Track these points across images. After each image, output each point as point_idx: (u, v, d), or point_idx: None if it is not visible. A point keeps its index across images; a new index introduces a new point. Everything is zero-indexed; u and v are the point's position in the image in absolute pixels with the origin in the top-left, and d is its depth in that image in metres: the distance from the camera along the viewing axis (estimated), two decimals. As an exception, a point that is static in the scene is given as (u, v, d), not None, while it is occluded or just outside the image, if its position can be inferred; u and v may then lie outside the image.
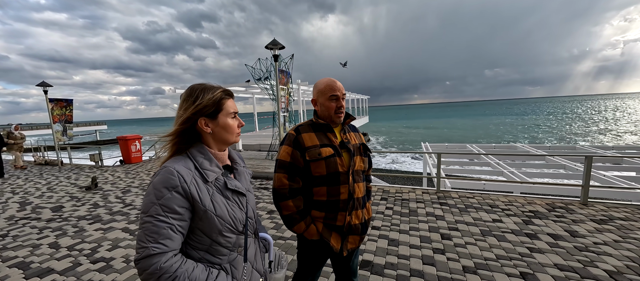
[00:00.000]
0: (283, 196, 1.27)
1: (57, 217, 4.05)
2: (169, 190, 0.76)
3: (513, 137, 29.10)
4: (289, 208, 1.27)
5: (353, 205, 1.30)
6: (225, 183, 0.88)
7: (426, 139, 24.91)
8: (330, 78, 1.34)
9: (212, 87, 0.90)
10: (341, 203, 1.27)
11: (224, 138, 0.91)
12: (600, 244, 2.72)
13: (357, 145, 1.37)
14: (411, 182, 11.68)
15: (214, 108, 0.87)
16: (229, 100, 0.92)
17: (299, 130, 1.32)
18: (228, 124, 0.90)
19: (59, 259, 2.79)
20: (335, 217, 1.28)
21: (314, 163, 1.25)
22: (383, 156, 21.98)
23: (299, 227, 1.29)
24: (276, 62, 5.17)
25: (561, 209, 3.68)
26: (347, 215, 1.29)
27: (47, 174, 7.70)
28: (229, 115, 0.91)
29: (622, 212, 3.50)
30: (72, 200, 4.93)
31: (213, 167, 0.87)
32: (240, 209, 0.91)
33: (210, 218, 0.81)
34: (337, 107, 1.29)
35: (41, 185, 6.29)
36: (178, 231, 0.77)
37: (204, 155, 0.87)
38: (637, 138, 24.97)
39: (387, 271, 2.39)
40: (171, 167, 0.80)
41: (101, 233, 3.39)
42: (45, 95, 9.34)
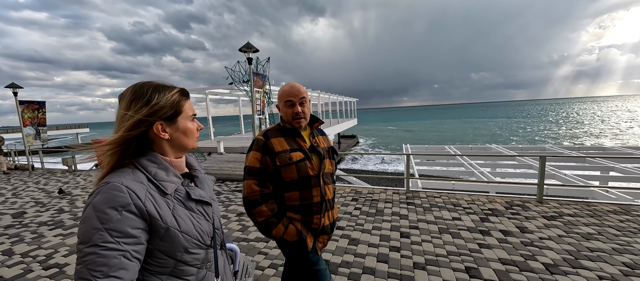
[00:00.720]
0: (255, 202, 1.23)
1: (17, 224, 3.92)
2: (118, 211, 0.62)
3: (490, 138, 30.22)
4: (263, 214, 1.24)
5: (325, 207, 1.32)
6: (187, 193, 0.77)
7: (412, 141, 25.54)
8: (290, 83, 1.32)
9: (166, 86, 0.77)
10: (315, 206, 1.28)
11: (183, 144, 0.80)
12: (544, 239, 2.89)
13: (326, 148, 1.39)
14: (394, 183, 11.89)
15: (173, 111, 0.75)
16: (187, 102, 0.81)
17: (267, 135, 1.29)
18: (188, 128, 0.80)
19: (9, 266, 2.71)
20: (311, 220, 1.29)
21: (285, 168, 1.23)
22: (367, 159, 22.29)
23: (278, 230, 1.25)
24: (250, 65, 5.20)
25: (518, 207, 3.87)
26: (322, 216, 1.31)
27: (16, 179, 7.39)
28: (188, 117, 0.80)
29: (573, 209, 3.72)
30: (36, 205, 4.77)
31: (171, 177, 0.75)
32: (207, 220, 0.80)
33: (173, 236, 0.70)
34: (294, 113, 1.27)
35: (7, 190, 6.04)
36: (134, 258, 0.63)
37: (158, 164, 0.74)
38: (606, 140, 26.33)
39: (341, 269, 2.46)
40: (116, 181, 0.65)
41: (60, 239, 3.31)
42: (15, 97, 8.98)
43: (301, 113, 1.28)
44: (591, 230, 3.07)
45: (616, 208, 3.68)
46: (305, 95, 1.30)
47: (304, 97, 1.29)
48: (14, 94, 8.96)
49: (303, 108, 1.29)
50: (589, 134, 30.56)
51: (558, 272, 2.31)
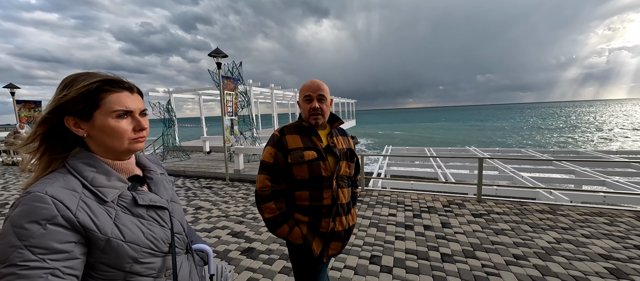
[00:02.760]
0: (265, 198, 1.22)
1: None
2: (41, 224, 0.54)
3: (484, 142, 30.45)
4: (271, 211, 1.22)
5: (337, 211, 1.26)
6: (134, 199, 0.69)
7: (400, 142, 25.83)
8: (313, 79, 1.29)
9: (91, 74, 0.66)
10: (324, 208, 1.23)
11: (107, 145, 0.68)
12: (459, 233, 3.16)
13: (344, 149, 1.34)
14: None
15: (85, 104, 0.64)
16: (112, 94, 0.66)
17: (283, 131, 1.28)
18: (110, 126, 0.66)
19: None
20: (319, 223, 1.24)
21: (296, 166, 1.21)
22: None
23: (282, 230, 1.23)
24: (219, 69, 5.54)
25: (455, 205, 4.13)
26: (331, 221, 1.25)
27: (10, 174, 7.85)
28: (111, 113, 0.66)
29: (504, 208, 3.97)
30: (19, 198, 5.18)
31: (113, 182, 0.66)
32: (162, 226, 0.72)
33: (117, 248, 0.62)
34: (311, 109, 1.25)
35: None
36: (66, 275, 0.55)
37: (96, 167, 0.66)
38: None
39: (262, 256, 2.77)
40: (39, 190, 0.57)
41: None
42: (12, 97, 9.48)
43: (318, 109, 1.24)
44: (507, 226, 3.33)
45: (545, 208, 3.92)
46: (325, 93, 1.26)
47: (323, 94, 1.25)
48: (12, 94, 9.47)
49: (321, 105, 1.25)
50: (573, 139, 30.46)
51: (449, 261, 2.58)
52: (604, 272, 2.33)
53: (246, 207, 4.39)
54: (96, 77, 0.66)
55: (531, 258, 2.58)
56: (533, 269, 2.41)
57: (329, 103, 1.30)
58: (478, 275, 2.35)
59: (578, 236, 3.00)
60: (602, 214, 3.62)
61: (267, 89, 14.46)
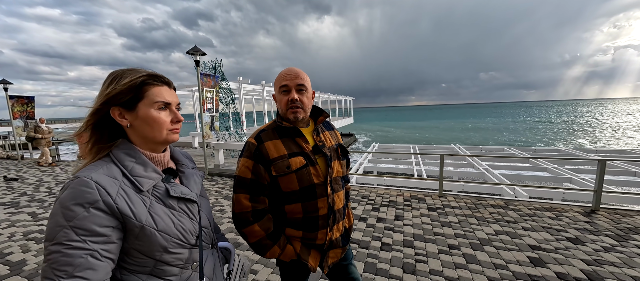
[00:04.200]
0: (245, 221, 1.03)
1: (-20, 203, 4.52)
2: (85, 207, 0.58)
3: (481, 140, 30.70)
4: (255, 234, 1.04)
5: (334, 219, 1.10)
6: (167, 190, 0.72)
7: (392, 140, 26.08)
8: (289, 67, 1.09)
9: (136, 70, 0.71)
10: (321, 219, 1.07)
11: (147, 135, 0.72)
12: (408, 226, 3.32)
13: (334, 146, 1.15)
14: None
15: (131, 95, 0.68)
16: (155, 87, 0.72)
17: (260, 137, 1.06)
18: (151, 116, 0.70)
19: (-46, 235, 3.29)
20: (315, 236, 1.08)
21: (283, 178, 1.02)
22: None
23: (273, 252, 1.06)
24: (198, 67, 5.69)
25: (416, 200, 4.29)
26: (328, 231, 1.09)
27: (2, 167, 8.08)
28: (153, 104, 0.71)
29: (461, 202, 4.12)
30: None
31: (149, 173, 0.70)
32: (191, 218, 0.75)
33: (150, 235, 0.65)
34: (289, 101, 1.04)
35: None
36: (104, 258, 0.59)
37: (135, 158, 0.70)
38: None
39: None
40: (85, 175, 0.61)
41: (7, 216, 3.89)
42: (5, 92, 9.71)
43: (297, 101, 1.03)
44: (455, 219, 3.48)
45: (500, 202, 4.07)
46: (306, 82, 1.05)
47: (303, 84, 1.04)
48: (5, 89, 9.68)
49: (301, 96, 1.05)
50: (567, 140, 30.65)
51: (387, 249, 2.75)
52: (525, 261, 2.49)
53: (217, 200, 4.57)
54: (141, 72, 0.71)
55: (464, 248, 2.74)
56: (461, 257, 2.57)
57: (311, 96, 1.10)
58: (407, 262, 2.52)
59: (518, 229, 3.15)
60: (552, 209, 3.76)
61: (259, 86, 14.61)
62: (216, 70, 6.96)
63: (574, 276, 2.25)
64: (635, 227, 3.14)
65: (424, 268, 2.41)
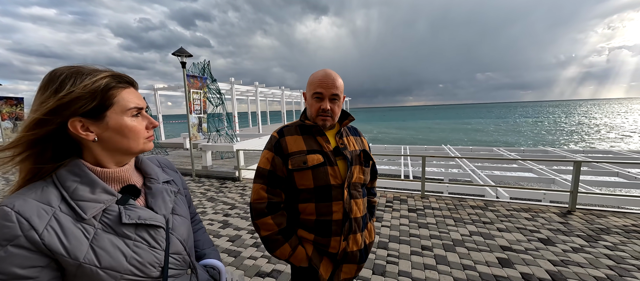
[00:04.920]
0: (260, 212, 1.02)
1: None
2: (1, 245, 0.48)
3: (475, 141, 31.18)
4: (268, 227, 1.02)
5: (350, 227, 1.05)
6: (119, 215, 0.59)
7: (399, 141, 26.31)
8: (326, 70, 1.05)
9: (92, 69, 0.58)
10: (334, 224, 1.02)
11: (122, 147, 0.62)
12: (385, 227, 3.34)
13: (357, 151, 1.12)
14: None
15: (96, 103, 0.57)
16: (124, 91, 0.61)
17: (282, 131, 1.09)
18: (126, 126, 0.60)
19: None
20: (329, 242, 1.03)
21: (299, 173, 1.01)
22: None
23: (283, 251, 1.03)
24: (184, 68, 5.69)
25: (398, 201, 4.33)
26: (342, 239, 1.04)
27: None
28: (126, 111, 0.61)
29: (442, 204, 4.16)
30: (-14, 192, 5.33)
31: (98, 194, 0.58)
32: (153, 247, 0.62)
33: (91, 274, 0.53)
34: (320, 109, 1.03)
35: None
36: None
37: (81, 177, 0.57)
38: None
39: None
40: (8, 204, 0.51)
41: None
42: (-7, 92, 9.60)
43: (329, 111, 1.03)
44: (433, 220, 3.52)
45: (480, 203, 4.11)
46: (340, 91, 1.04)
47: (337, 94, 1.03)
48: (-7, 90, 9.58)
49: (333, 106, 1.04)
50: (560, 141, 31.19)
51: (360, 251, 2.77)
52: (493, 262, 2.53)
53: (200, 201, 4.57)
54: (101, 72, 0.58)
55: (436, 249, 2.78)
56: (431, 259, 2.60)
57: (342, 101, 1.09)
58: (378, 263, 2.54)
59: (492, 230, 3.20)
60: (530, 210, 3.82)
61: (252, 87, 14.59)
62: (204, 71, 6.95)
63: (539, 277, 2.29)
64: (607, 228, 3.19)
65: (393, 270, 2.43)
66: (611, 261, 2.50)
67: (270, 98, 22.60)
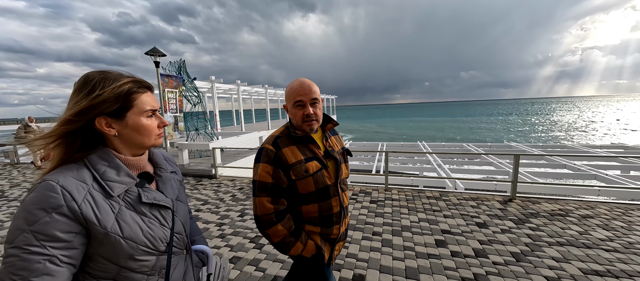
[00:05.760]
0: (269, 222, 1.11)
1: None
2: (47, 212, 0.57)
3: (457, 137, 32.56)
4: (279, 234, 1.12)
5: (343, 215, 1.25)
6: (139, 195, 0.71)
7: (363, 137, 27.23)
8: (300, 79, 1.15)
9: (117, 75, 0.70)
10: (335, 216, 1.20)
11: (137, 142, 0.74)
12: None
13: (341, 151, 1.29)
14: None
15: (119, 105, 0.68)
16: (143, 95, 0.73)
17: (277, 144, 1.15)
18: (142, 125, 0.72)
19: None
20: (331, 231, 1.22)
21: (301, 181, 1.12)
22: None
23: (297, 249, 1.15)
24: (157, 68, 5.74)
25: (363, 193, 4.64)
26: (341, 226, 1.25)
27: (-50, 171, 7.67)
28: (143, 113, 0.72)
29: (402, 195, 4.52)
30: (-50, 194, 5.21)
31: (122, 177, 0.69)
32: (163, 225, 0.74)
33: (114, 242, 0.64)
34: (304, 115, 1.13)
35: None
36: (64, 263, 0.59)
37: (109, 162, 0.69)
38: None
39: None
40: (53, 179, 0.61)
41: (-51, 220, 3.83)
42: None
43: (312, 115, 1.13)
44: (390, 210, 3.85)
45: (436, 194, 4.51)
46: (317, 95, 1.14)
47: (315, 97, 1.13)
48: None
49: (315, 109, 1.14)
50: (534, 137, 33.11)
51: (317, 238, 3.05)
52: (431, 243, 2.87)
53: (174, 199, 4.71)
54: (124, 78, 0.70)
55: (385, 234, 3.09)
56: (378, 242, 2.91)
57: (321, 105, 1.20)
58: (331, 248, 2.83)
59: (439, 217, 3.56)
60: (477, 199, 4.24)
61: (234, 85, 14.58)
62: (180, 70, 7.00)
63: (464, 254, 2.65)
64: (537, 212, 3.64)
65: (342, 253, 2.72)
66: (529, 239, 2.91)
67: (255, 97, 22.52)
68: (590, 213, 3.55)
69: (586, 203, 3.90)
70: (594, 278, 2.24)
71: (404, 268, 2.44)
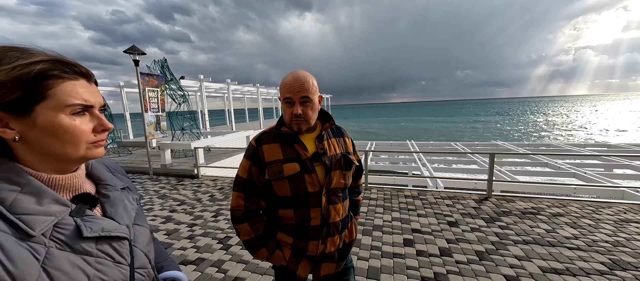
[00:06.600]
0: (238, 219, 1.06)
1: None
2: None
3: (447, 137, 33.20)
4: (246, 233, 1.05)
5: (328, 232, 1.06)
6: (77, 229, 0.49)
7: (369, 137, 27.53)
8: (295, 73, 1.01)
9: (28, 51, 0.47)
10: (311, 230, 1.03)
11: (54, 151, 0.49)
12: (318, 216, 3.64)
13: (338, 156, 1.09)
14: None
15: (21, 93, 0.45)
16: (65, 81, 0.49)
17: (260, 140, 1.07)
18: (61, 126, 0.48)
19: None
20: (306, 246, 1.05)
21: (276, 183, 1.02)
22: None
23: (261, 254, 1.07)
24: (137, 67, 5.66)
25: (342, 193, 4.64)
26: (320, 243, 1.05)
27: None
28: (64, 108, 0.48)
29: (381, 194, 4.52)
30: None
31: (46, 205, 0.47)
32: (118, 263, 0.54)
33: None
34: (292, 114, 1.01)
35: None
36: None
37: (20, 185, 0.46)
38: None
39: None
40: None
41: None
42: None
43: (301, 115, 1.01)
44: (365, 209, 3.85)
45: (414, 193, 4.52)
46: (311, 93, 1.00)
47: (307, 96, 0.99)
48: None
49: (305, 109, 1.01)
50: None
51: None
52: (398, 242, 2.86)
53: (151, 199, 4.65)
54: (39, 55, 0.47)
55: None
56: (347, 242, 2.91)
57: (317, 103, 1.05)
58: (298, 248, 2.81)
59: (413, 216, 3.57)
60: (454, 197, 4.26)
61: (224, 84, 14.48)
62: (163, 69, 6.91)
63: (430, 253, 2.65)
64: (510, 210, 3.67)
65: (309, 253, 2.71)
66: (496, 238, 2.92)
67: (248, 96, 22.41)
68: (561, 212, 3.58)
69: (559, 202, 3.95)
70: (552, 276, 2.25)
71: (367, 268, 2.43)
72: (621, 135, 29.48)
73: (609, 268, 2.34)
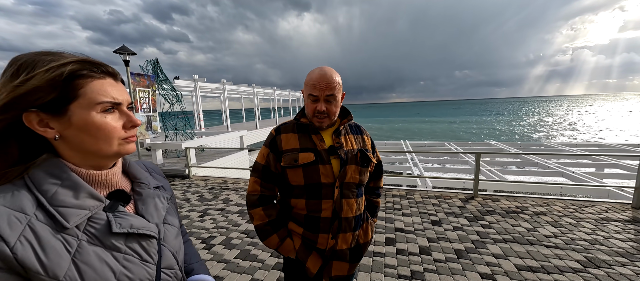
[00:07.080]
0: (253, 203, 1.10)
1: None
2: None
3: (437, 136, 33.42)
4: (259, 217, 1.08)
5: (339, 226, 1.06)
6: (108, 223, 0.52)
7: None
8: (321, 69, 1.04)
9: (60, 54, 0.50)
10: (322, 221, 1.05)
11: (89, 148, 0.53)
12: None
13: (354, 151, 1.10)
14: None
15: (57, 94, 0.48)
16: (94, 80, 0.52)
17: (279, 129, 1.13)
18: (94, 123, 0.51)
19: None
20: (316, 238, 1.06)
21: (291, 171, 1.05)
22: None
23: (271, 241, 1.09)
24: (127, 67, 5.66)
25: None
26: (330, 237, 1.06)
27: None
28: (95, 106, 0.51)
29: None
30: None
31: (82, 199, 0.50)
32: (145, 261, 0.55)
33: None
34: (315, 110, 1.05)
35: None
36: None
37: (61, 178, 0.50)
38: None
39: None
40: None
41: None
42: None
43: (325, 112, 1.04)
44: (352, 209, 3.88)
45: (402, 192, 4.55)
46: (336, 91, 1.03)
47: (333, 94, 1.03)
48: None
49: (329, 106, 1.04)
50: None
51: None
52: (380, 241, 2.89)
53: (139, 199, 4.66)
54: (68, 57, 0.49)
55: (338, 233, 3.12)
56: (329, 241, 2.94)
57: (340, 100, 1.09)
58: (280, 247, 2.84)
59: (397, 215, 3.60)
60: (440, 197, 4.29)
61: (219, 84, 14.47)
62: (155, 69, 6.90)
63: (410, 251, 2.68)
64: (494, 210, 3.70)
65: (290, 252, 2.73)
66: (477, 236, 2.95)
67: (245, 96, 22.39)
68: (544, 211, 3.62)
69: (543, 201, 3.99)
70: (526, 274, 2.28)
71: (346, 266, 2.45)
72: (619, 135, 29.78)
73: (583, 266, 2.38)
